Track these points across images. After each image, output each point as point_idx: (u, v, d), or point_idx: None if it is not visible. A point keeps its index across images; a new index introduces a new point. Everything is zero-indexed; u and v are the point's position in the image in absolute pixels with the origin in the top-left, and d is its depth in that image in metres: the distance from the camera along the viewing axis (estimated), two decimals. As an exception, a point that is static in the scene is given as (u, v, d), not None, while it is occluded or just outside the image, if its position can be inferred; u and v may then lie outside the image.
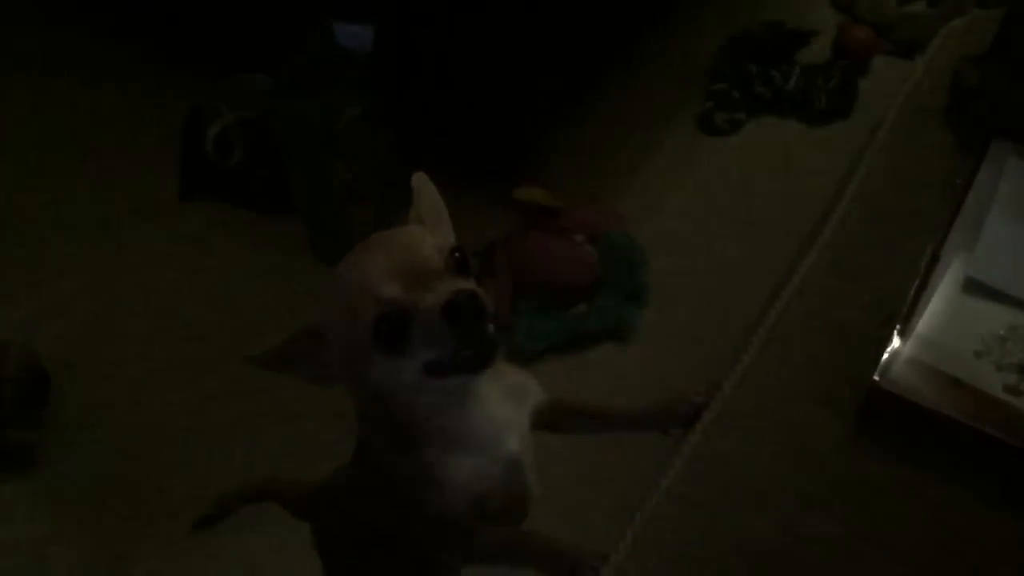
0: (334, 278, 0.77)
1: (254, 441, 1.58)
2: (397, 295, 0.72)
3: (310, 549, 1.09)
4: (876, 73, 2.15)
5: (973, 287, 0.91)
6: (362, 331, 0.73)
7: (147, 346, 1.80)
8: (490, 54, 1.77)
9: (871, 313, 0.91)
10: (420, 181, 0.85)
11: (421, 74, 1.83)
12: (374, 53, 1.72)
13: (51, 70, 2.35)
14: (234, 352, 1.71)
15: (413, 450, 0.82)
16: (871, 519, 0.80)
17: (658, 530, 0.84)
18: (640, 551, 0.83)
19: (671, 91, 2.17)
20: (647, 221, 1.89)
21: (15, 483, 1.61)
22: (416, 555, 0.91)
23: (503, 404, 0.86)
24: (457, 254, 0.76)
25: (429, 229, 0.81)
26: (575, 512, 1.26)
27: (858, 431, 0.85)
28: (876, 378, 0.85)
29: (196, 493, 1.57)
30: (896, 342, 0.87)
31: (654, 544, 0.83)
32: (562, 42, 1.86)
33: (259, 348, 0.78)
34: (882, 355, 0.86)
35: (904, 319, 0.88)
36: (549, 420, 0.91)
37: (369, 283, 0.73)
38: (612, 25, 2.04)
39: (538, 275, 1.74)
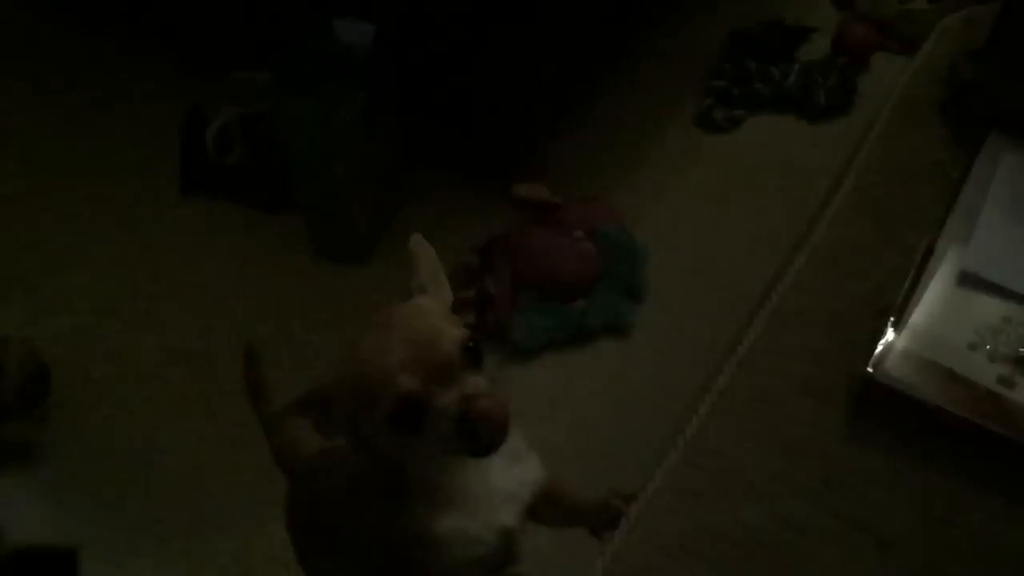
0: (350, 354, 0.80)
1: (255, 437, 1.58)
2: (416, 388, 0.75)
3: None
4: (876, 70, 2.15)
5: (967, 279, 0.91)
6: (379, 414, 0.76)
7: (147, 341, 1.80)
8: (490, 51, 1.77)
9: (866, 305, 0.92)
10: (417, 244, 0.87)
11: (421, 71, 1.83)
12: (374, 50, 1.72)
13: (50, 66, 2.36)
14: (235, 347, 1.72)
15: (406, 507, 0.85)
16: (864, 509, 0.81)
17: (654, 520, 0.84)
18: (636, 541, 0.84)
19: (670, 88, 2.17)
20: (646, 217, 1.89)
21: (15, 478, 1.61)
22: None
23: (504, 474, 0.89)
24: (472, 345, 0.79)
25: (432, 294, 0.84)
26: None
27: (852, 422, 0.86)
28: (870, 369, 0.85)
29: (196, 488, 1.58)
30: (890, 334, 0.87)
31: (650, 534, 0.84)
32: (561, 39, 1.87)
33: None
34: (876, 347, 0.86)
35: (898, 311, 0.89)
36: (536, 507, 0.94)
37: (389, 372, 0.76)
38: (611, 22, 2.04)
39: (537, 271, 1.74)
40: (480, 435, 0.76)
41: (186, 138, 2.00)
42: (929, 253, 0.93)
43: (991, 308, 0.90)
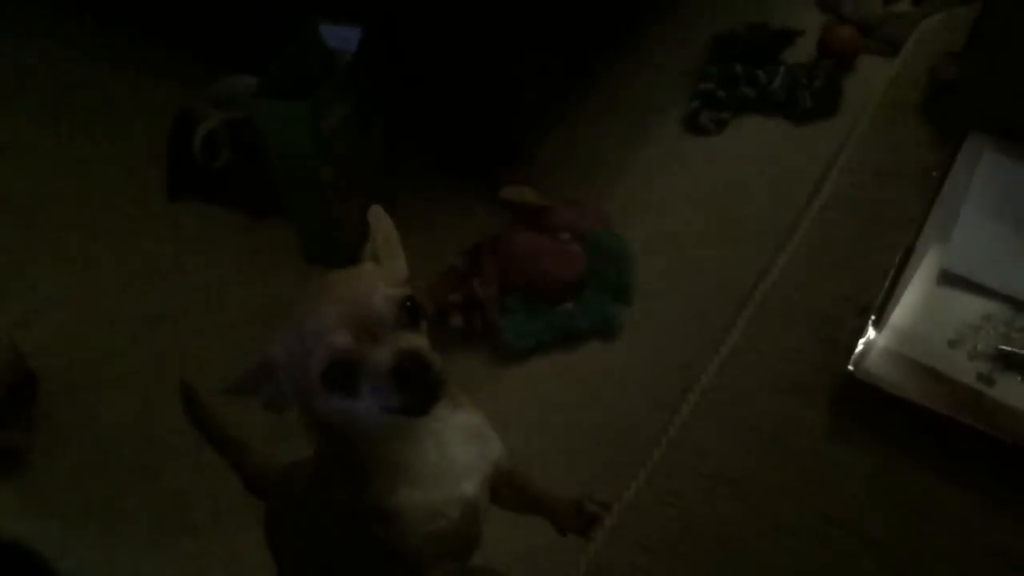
0: (290, 317, 0.81)
1: (248, 439, 1.58)
2: (347, 345, 0.75)
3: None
4: (861, 72, 2.16)
5: (947, 278, 0.92)
6: (313, 374, 0.76)
7: (135, 346, 1.80)
8: (477, 54, 1.78)
9: (847, 305, 0.92)
10: (377, 215, 0.88)
11: (408, 74, 1.83)
12: (360, 54, 1.73)
13: (38, 72, 2.36)
14: (222, 351, 1.72)
15: (365, 483, 0.85)
16: (846, 507, 0.81)
17: (636, 519, 0.84)
18: (619, 540, 0.84)
19: (657, 91, 2.18)
20: (633, 220, 1.90)
21: (2, 484, 1.61)
22: None
23: (463, 447, 0.89)
24: (409, 303, 0.79)
25: (384, 265, 0.85)
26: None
27: (833, 421, 0.86)
28: (851, 368, 0.85)
29: (184, 493, 1.58)
30: (871, 333, 0.88)
31: (633, 533, 0.84)
32: (548, 42, 1.87)
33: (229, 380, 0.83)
34: (857, 345, 0.86)
35: (879, 309, 0.89)
36: (497, 487, 0.95)
37: (322, 330, 0.76)
38: (598, 25, 2.05)
39: (525, 273, 1.75)
40: (412, 387, 0.76)
41: (174, 143, 2.00)
42: (909, 252, 0.93)
43: (971, 306, 0.90)
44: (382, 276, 0.82)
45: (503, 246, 1.77)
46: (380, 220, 0.87)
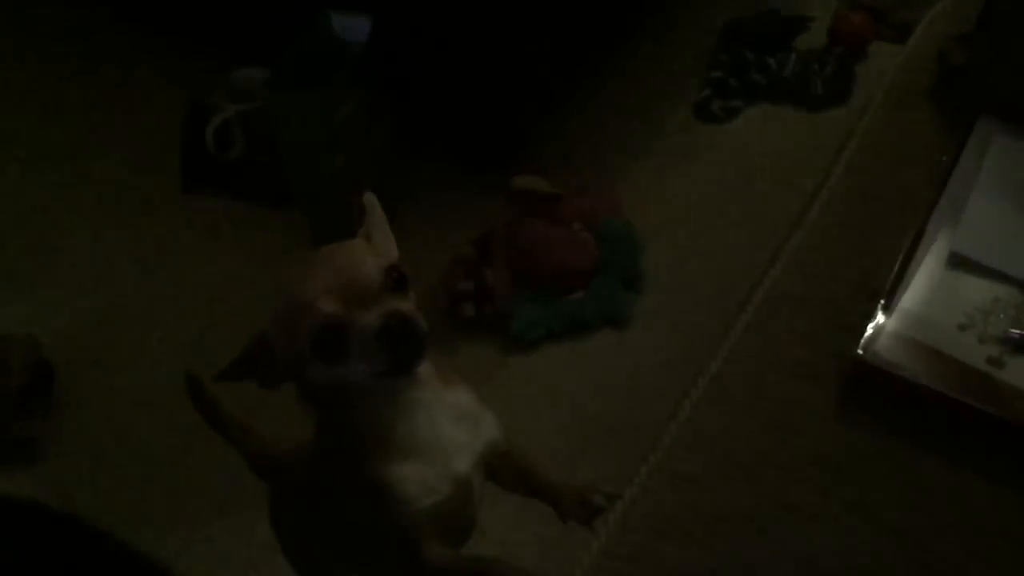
0: (279, 289, 0.81)
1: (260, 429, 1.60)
2: (335, 310, 0.76)
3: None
4: (873, 58, 2.15)
5: (957, 262, 0.92)
6: (303, 343, 0.77)
7: (150, 337, 1.81)
8: (487, 43, 1.78)
9: (857, 289, 0.93)
10: (369, 200, 0.90)
11: (418, 64, 1.84)
12: (371, 44, 1.73)
13: (51, 64, 2.37)
14: (235, 341, 1.72)
15: (359, 457, 0.86)
16: (854, 489, 0.82)
17: (648, 503, 0.85)
18: (631, 524, 0.85)
19: (668, 79, 2.18)
20: (644, 208, 1.89)
21: (20, 476, 1.62)
22: (365, 562, 0.96)
23: (457, 424, 0.89)
24: (395, 273, 0.80)
25: (376, 244, 0.86)
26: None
27: (843, 404, 0.87)
28: (860, 352, 0.86)
29: (202, 478, 1.59)
30: (880, 317, 0.88)
31: (644, 517, 0.85)
32: (559, 30, 1.87)
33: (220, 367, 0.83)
34: (866, 329, 0.87)
35: (888, 293, 0.90)
36: (495, 466, 0.95)
37: (310, 297, 0.77)
38: (608, 13, 2.04)
39: (536, 262, 1.75)
40: (397, 345, 0.77)
41: (186, 135, 2.01)
42: (919, 236, 0.94)
43: (981, 289, 0.91)
44: (369, 249, 0.83)
45: (514, 234, 1.77)
46: (372, 205, 0.89)
